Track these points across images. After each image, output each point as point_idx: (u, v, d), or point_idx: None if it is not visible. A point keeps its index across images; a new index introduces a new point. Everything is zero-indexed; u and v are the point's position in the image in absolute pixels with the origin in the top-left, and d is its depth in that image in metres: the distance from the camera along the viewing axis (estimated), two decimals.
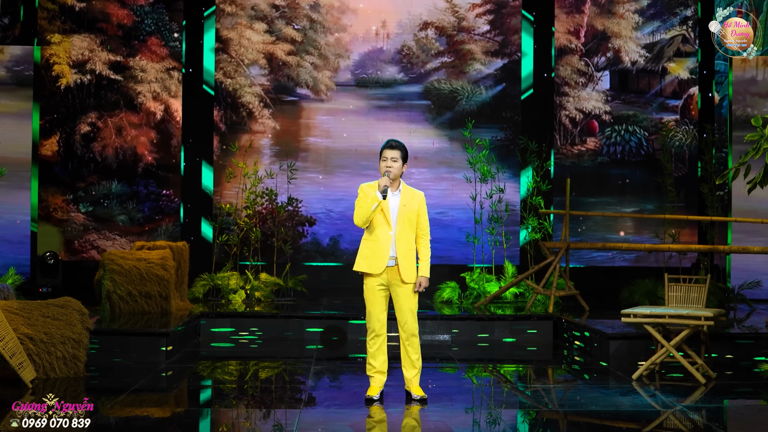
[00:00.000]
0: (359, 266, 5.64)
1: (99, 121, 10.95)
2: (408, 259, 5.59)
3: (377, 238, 5.57)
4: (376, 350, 5.64)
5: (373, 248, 5.58)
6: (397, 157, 5.59)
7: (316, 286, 10.63)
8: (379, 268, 5.56)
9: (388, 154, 5.61)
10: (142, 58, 11.02)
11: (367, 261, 5.59)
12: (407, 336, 5.64)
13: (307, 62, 11.25)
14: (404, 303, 5.61)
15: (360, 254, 5.64)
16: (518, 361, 7.68)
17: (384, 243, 5.55)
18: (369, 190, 5.60)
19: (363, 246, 5.64)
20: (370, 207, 5.51)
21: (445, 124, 11.32)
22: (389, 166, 5.58)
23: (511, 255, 10.84)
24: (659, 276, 9.40)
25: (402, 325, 5.64)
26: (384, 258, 5.55)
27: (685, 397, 5.95)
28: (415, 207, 5.64)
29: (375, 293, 5.60)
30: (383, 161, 5.61)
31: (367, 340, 5.68)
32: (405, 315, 5.62)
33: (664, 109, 11.48)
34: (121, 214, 10.97)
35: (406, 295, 5.61)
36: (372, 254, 5.57)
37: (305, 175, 11.08)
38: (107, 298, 8.17)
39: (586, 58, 11.45)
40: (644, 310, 6.49)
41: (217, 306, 9.12)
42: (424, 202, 5.73)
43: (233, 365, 7.21)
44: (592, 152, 11.42)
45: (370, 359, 5.67)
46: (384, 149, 5.64)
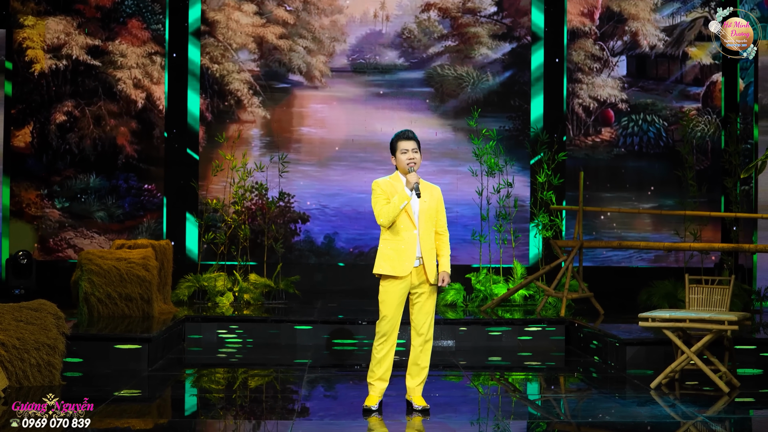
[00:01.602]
0: (382, 269, 5.61)
1: (76, 110, 10.94)
2: (432, 258, 5.64)
3: (402, 238, 5.58)
4: (383, 356, 5.65)
5: (397, 249, 5.58)
6: (417, 148, 5.61)
7: (309, 288, 10.64)
8: (405, 270, 5.57)
9: (407, 145, 5.60)
10: (122, 41, 11.01)
11: (391, 263, 5.58)
12: (422, 341, 5.68)
13: (300, 46, 11.24)
14: (425, 305, 5.66)
15: (381, 255, 5.63)
16: (527, 368, 7.69)
17: (409, 243, 5.57)
18: (387, 187, 5.60)
19: (384, 246, 5.63)
20: (399, 206, 5.51)
21: (448, 113, 11.32)
22: (412, 159, 5.57)
23: (520, 254, 10.85)
24: (679, 277, 9.41)
25: (418, 328, 5.67)
26: (410, 259, 5.57)
27: (708, 408, 5.95)
28: (434, 203, 5.66)
29: (396, 296, 5.61)
30: (403, 154, 5.59)
31: (375, 345, 5.69)
32: (424, 318, 5.66)
33: (685, 97, 11.48)
34: (99, 210, 10.97)
35: (428, 297, 5.66)
36: (397, 255, 5.57)
37: (298, 168, 11.08)
38: (85, 301, 8.17)
39: (601, 42, 11.44)
40: (663, 314, 6.50)
41: (203, 309, 9.12)
42: (442, 197, 5.76)
43: (220, 373, 7.21)
44: (608, 143, 11.42)
45: (374, 366, 5.67)
46: (399, 140, 5.63)
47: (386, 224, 5.56)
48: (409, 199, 5.51)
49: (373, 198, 5.63)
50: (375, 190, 5.63)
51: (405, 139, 5.62)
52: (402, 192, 5.52)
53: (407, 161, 5.57)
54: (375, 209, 5.60)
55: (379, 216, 5.57)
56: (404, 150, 5.60)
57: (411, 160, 5.56)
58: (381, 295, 5.65)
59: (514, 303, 9.86)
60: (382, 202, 5.58)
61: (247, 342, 8.32)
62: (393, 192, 5.58)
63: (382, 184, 5.64)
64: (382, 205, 5.58)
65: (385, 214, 5.54)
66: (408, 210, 5.57)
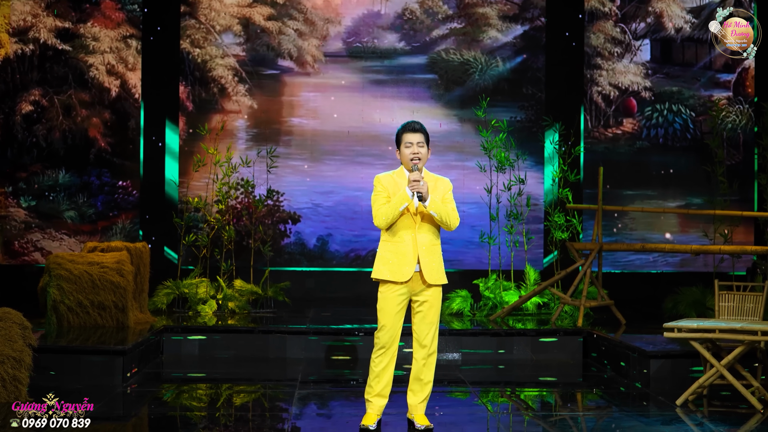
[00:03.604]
0: (380, 273, 5.59)
1: (43, 99, 10.95)
2: (431, 258, 5.55)
3: (401, 239, 5.54)
4: (383, 369, 5.63)
5: (396, 252, 5.54)
6: (423, 142, 5.57)
7: (300, 295, 10.64)
8: (405, 275, 5.54)
9: (412, 138, 5.56)
10: (95, 24, 11.02)
11: (391, 267, 5.56)
12: (425, 354, 5.64)
13: (290, 29, 11.25)
14: (427, 314, 5.61)
15: (380, 259, 5.61)
16: (541, 384, 7.70)
17: (410, 246, 5.52)
18: (389, 184, 5.57)
19: (383, 249, 5.61)
20: (398, 207, 5.47)
21: (454, 102, 11.33)
22: (416, 153, 5.52)
23: (534, 258, 10.86)
24: (708, 283, 9.42)
25: (420, 340, 5.64)
26: (411, 263, 5.52)
27: (739, 426, 5.96)
28: (438, 194, 5.58)
29: (395, 303, 5.58)
30: (406, 148, 5.56)
31: (373, 357, 5.67)
32: (426, 328, 5.62)
33: (715, 85, 11.50)
34: (69, 209, 10.98)
35: (431, 304, 5.61)
36: (396, 259, 5.54)
37: (288, 163, 11.09)
38: (53, 310, 8.17)
39: (623, 24, 11.46)
40: (691, 324, 6.51)
41: (184, 319, 9.13)
42: (450, 190, 5.66)
43: (202, 389, 7.22)
44: (630, 136, 11.43)
45: (373, 380, 5.66)
46: (404, 132, 5.59)
47: (383, 226, 5.55)
48: (409, 200, 5.46)
49: (373, 195, 5.62)
50: (376, 187, 5.62)
51: (410, 131, 5.59)
52: (403, 191, 5.49)
53: (411, 156, 5.54)
54: (373, 208, 5.59)
55: (376, 217, 5.56)
56: (408, 143, 5.57)
57: (415, 155, 5.52)
58: (379, 302, 5.64)
59: (526, 312, 9.87)
60: (381, 201, 5.56)
61: (232, 355, 8.32)
62: (396, 189, 5.55)
63: (383, 179, 5.62)
64: (380, 204, 5.56)
65: (382, 215, 5.52)
66: (409, 207, 5.53)
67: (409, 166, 5.55)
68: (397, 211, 5.47)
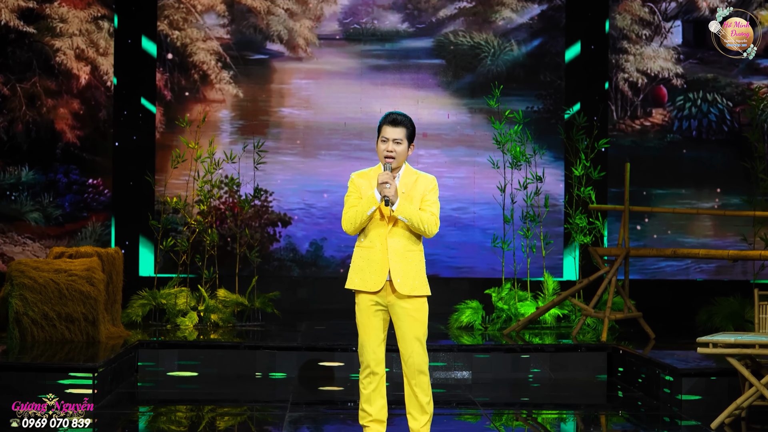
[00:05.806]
0: (352, 282, 5.55)
1: (5, 87, 10.96)
2: (403, 263, 5.46)
3: (372, 244, 5.48)
4: (371, 392, 5.60)
5: (368, 258, 5.51)
6: (401, 138, 5.44)
7: (291, 306, 10.64)
8: (376, 284, 5.48)
9: (388, 133, 5.46)
10: (62, 3, 11.03)
11: (362, 275, 5.51)
12: (413, 373, 5.57)
13: (280, 8, 11.26)
14: (407, 328, 5.53)
15: (353, 267, 5.57)
16: (561, 405, 7.70)
17: (382, 251, 5.46)
18: (363, 183, 5.52)
19: (356, 255, 5.56)
20: (366, 211, 5.42)
21: (463, 90, 11.34)
22: (390, 152, 5.42)
23: (552, 265, 10.86)
24: (747, 292, 9.42)
25: (405, 358, 5.58)
26: (383, 270, 5.45)
27: None
28: (417, 194, 5.47)
29: (370, 317, 5.54)
30: (382, 143, 5.47)
31: (360, 379, 5.65)
32: (409, 345, 5.56)
33: (754, 72, 11.50)
34: (33, 210, 10.98)
35: (409, 316, 5.50)
36: (368, 266, 5.49)
37: (278, 159, 11.10)
38: (16, 323, 8.18)
39: (651, 4, 11.46)
40: (728, 338, 6.51)
41: (161, 333, 9.13)
42: (436, 187, 5.52)
43: (182, 411, 7.22)
44: (659, 128, 11.44)
45: (364, 404, 5.64)
46: (383, 125, 5.51)
47: (350, 232, 5.47)
48: (377, 204, 5.38)
49: (345, 196, 5.57)
50: (349, 187, 5.56)
51: (389, 123, 5.45)
52: (372, 194, 5.39)
53: (384, 154, 5.43)
54: (342, 210, 5.55)
55: (343, 221, 5.50)
56: (384, 138, 5.45)
57: (389, 153, 5.41)
58: (357, 315, 5.58)
59: (544, 325, 9.87)
60: (351, 202, 5.50)
61: (215, 373, 8.32)
62: (369, 189, 5.48)
63: (357, 179, 5.55)
64: (349, 206, 5.49)
65: (349, 219, 5.45)
66: (382, 208, 5.42)
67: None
68: (365, 215, 5.40)
